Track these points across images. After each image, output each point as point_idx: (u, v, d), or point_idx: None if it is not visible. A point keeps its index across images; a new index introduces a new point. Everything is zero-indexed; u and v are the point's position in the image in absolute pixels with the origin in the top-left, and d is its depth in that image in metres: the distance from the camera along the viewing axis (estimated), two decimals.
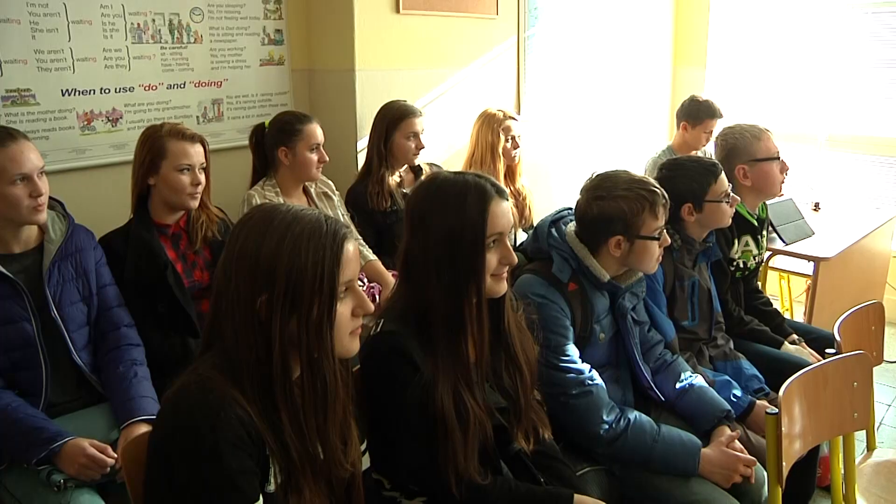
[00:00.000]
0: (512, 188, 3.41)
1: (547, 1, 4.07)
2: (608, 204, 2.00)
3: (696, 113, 3.88)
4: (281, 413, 1.32)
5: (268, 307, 1.29)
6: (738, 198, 2.49)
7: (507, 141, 3.31)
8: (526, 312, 1.87)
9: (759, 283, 3.31)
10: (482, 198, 1.62)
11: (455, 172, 1.72)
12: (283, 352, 1.31)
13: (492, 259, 1.64)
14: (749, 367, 2.49)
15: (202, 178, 2.38)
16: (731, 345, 2.60)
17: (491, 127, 3.31)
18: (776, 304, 4.51)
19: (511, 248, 1.68)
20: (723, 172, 2.43)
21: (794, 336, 2.76)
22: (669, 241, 2.09)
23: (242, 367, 1.30)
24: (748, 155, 2.69)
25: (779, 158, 2.71)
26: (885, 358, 2.50)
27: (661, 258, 2.09)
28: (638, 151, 4.42)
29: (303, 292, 1.30)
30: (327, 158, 2.81)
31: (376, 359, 1.65)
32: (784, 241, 3.32)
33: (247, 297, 1.30)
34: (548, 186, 3.95)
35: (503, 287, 1.69)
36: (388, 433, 1.66)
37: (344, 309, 1.35)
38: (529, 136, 3.89)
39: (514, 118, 3.34)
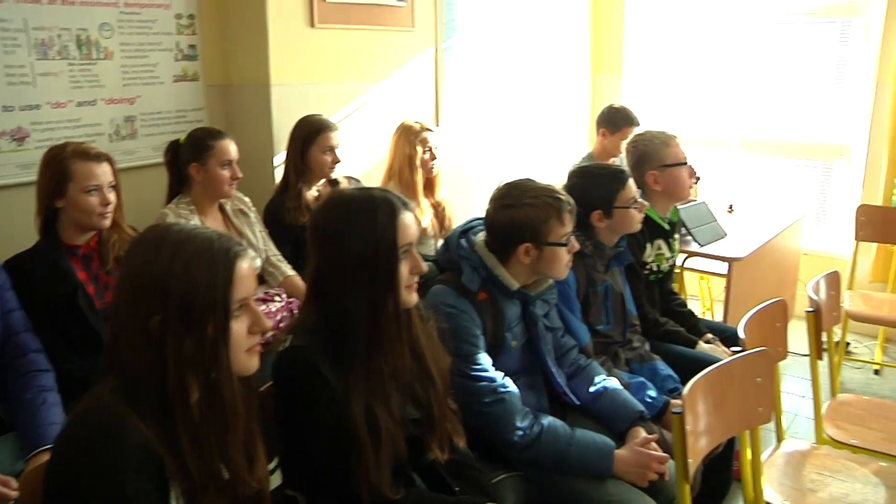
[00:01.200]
0: (431, 200, 3.43)
1: (464, 12, 4.11)
2: (515, 212, 2.04)
3: (614, 120, 3.95)
4: (180, 434, 1.30)
5: (161, 327, 1.28)
6: (647, 203, 2.56)
7: (424, 153, 3.33)
8: (436, 323, 1.89)
9: (676, 285, 3.39)
10: (391, 211, 1.65)
11: (357, 188, 1.75)
12: (180, 372, 1.29)
13: (404, 270, 1.66)
14: (664, 368, 2.55)
15: (112, 197, 2.34)
16: (648, 347, 2.66)
17: (408, 139, 3.32)
18: (697, 305, 4.67)
19: (419, 258, 1.70)
20: (630, 179, 2.50)
21: (709, 335, 2.84)
22: (578, 246, 2.13)
23: (140, 389, 1.29)
24: (658, 161, 2.76)
25: (687, 163, 2.79)
26: (795, 351, 2.60)
27: (571, 264, 2.13)
28: (560, 159, 4.49)
29: (196, 312, 1.29)
30: (240, 175, 2.78)
31: (286, 374, 1.65)
32: (699, 243, 3.40)
33: (140, 318, 1.28)
34: (469, 197, 3.98)
35: (414, 297, 1.72)
36: (300, 448, 1.65)
37: (239, 327, 1.35)
38: (450, 147, 3.92)
39: (430, 130, 3.36)
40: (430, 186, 3.44)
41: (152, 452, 1.25)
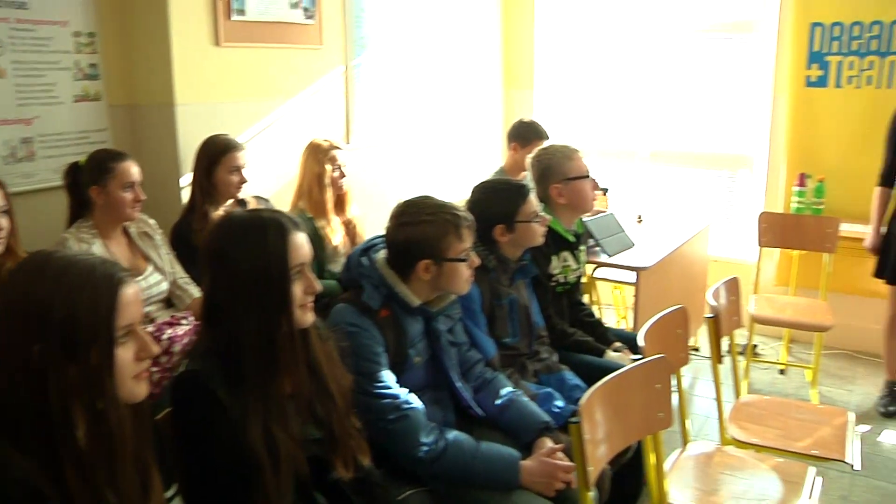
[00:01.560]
0: (342, 217, 3.43)
1: (374, 30, 4.13)
2: (414, 229, 2.06)
3: (524, 134, 4.01)
4: (64, 465, 1.27)
5: (42, 357, 1.24)
6: (549, 217, 2.61)
7: (333, 171, 3.33)
8: (337, 342, 1.89)
9: (587, 295, 3.47)
10: (281, 231, 1.65)
11: (248, 210, 1.74)
12: (63, 402, 1.26)
13: (297, 290, 1.66)
14: (572, 378, 2.59)
15: (4, 222, 2.28)
16: (556, 357, 2.70)
17: (317, 157, 3.31)
18: (612, 313, 4.77)
19: (314, 278, 1.70)
20: (532, 193, 2.54)
21: (617, 344, 2.90)
22: (479, 261, 2.17)
23: (19, 421, 1.25)
24: (561, 174, 2.82)
25: (589, 176, 2.86)
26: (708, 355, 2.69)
27: (472, 279, 2.16)
28: (474, 174, 4.53)
29: (79, 340, 1.26)
30: (143, 197, 2.73)
31: (182, 399, 1.64)
32: (607, 254, 3.47)
33: (20, 348, 1.25)
34: (383, 213, 3.98)
35: (310, 317, 1.72)
36: (199, 474, 1.63)
37: (125, 354, 1.32)
38: (362, 164, 3.93)
39: (339, 148, 3.36)
40: (340, 204, 3.44)
41: (33, 487, 1.22)
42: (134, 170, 2.71)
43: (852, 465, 2.49)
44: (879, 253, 3.76)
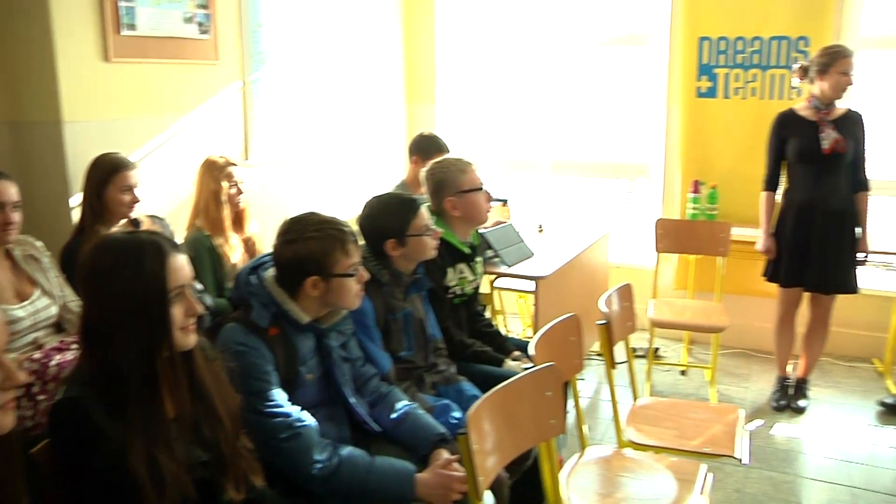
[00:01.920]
0: (241, 235, 3.38)
1: (273, 44, 4.10)
2: (300, 246, 2.06)
3: (425, 148, 4.03)
4: None
5: None
6: (441, 230, 2.64)
7: (230, 187, 3.28)
8: (225, 362, 1.87)
9: (485, 306, 3.51)
10: (159, 254, 1.63)
11: (125, 232, 1.71)
12: None
13: (177, 313, 1.64)
14: (470, 388, 2.62)
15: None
16: (454, 369, 2.73)
17: (213, 174, 3.26)
18: (518, 322, 4.84)
19: (195, 300, 1.68)
20: (423, 207, 2.57)
21: (516, 353, 2.95)
22: (367, 276, 2.18)
23: None
24: (455, 187, 2.85)
25: (482, 188, 2.90)
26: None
27: (362, 294, 2.17)
28: (377, 188, 4.53)
29: None
30: (14, 219, 2.59)
31: (59, 427, 1.59)
32: (506, 264, 3.52)
33: None
34: None
35: (192, 339, 1.70)
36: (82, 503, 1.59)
37: None
38: (262, 180, 3.90)
39: (235, 164, 3.32)
40: (238, 221, 3.39)
41: None
42: (10, 191, 2.58)
43: (741, 460, 2.59)
44: (772, 254, 3.92)
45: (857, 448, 3.69)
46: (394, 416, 2.27)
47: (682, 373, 4.55)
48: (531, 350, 2.29)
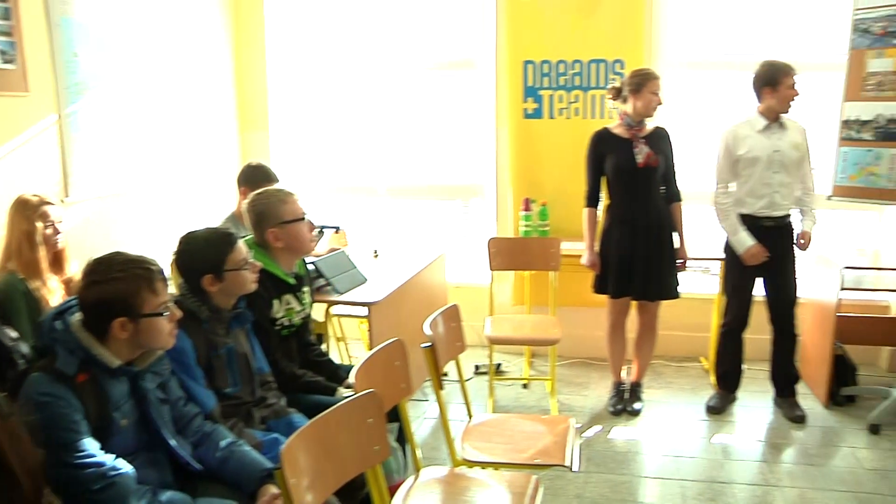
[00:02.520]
0: (61, 277, 3.22)
1: (92, 74, 3.92)
2: (105, 287, 2.00)
3: (253, 178, 3.92)
4: None
5: None
6: (260, 263, 2.62)
7: (46, 227, 3.12)
8: (25, 415, 1.77)
9: (320, 336, 3.49)
10: None
11: None
12: None
13: None
14: (300, 420, 2.60)
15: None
16: (284, 402, 2.70)
17: (25, 215, 3.09)
18: (361, 347, 4.84)
19: None
20: (240, 241, 2.54)
21: (350, 380, 2.94)
22: (180, 313, 2.13)
23: None
24: (276, 218, 2.83)
25: (305, 218, 2.89)
26: (451, 379, 2.78)
27: (175, 332, 2.12)
28: (210, 221, 4.43)
29: None
30: None
31: None
32: (338, 292, 3.52)
33: None
34: None
35: None
36: None
37: None
38: (86, 217, 3.74)
39: (51, 203, 3.16)
40: (58, 262, 3.22)
41: None
42: None
43: (570, 468, 2.68)
44: (597, 269, 4.10)
45: (687, 443, 3.92)
46: (218, 454, 2.22)
47: (524, 386, 4.68)
48: (351, 378, 2.29)
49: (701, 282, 4.88)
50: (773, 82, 3.88)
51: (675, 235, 4.08)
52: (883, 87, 3.98)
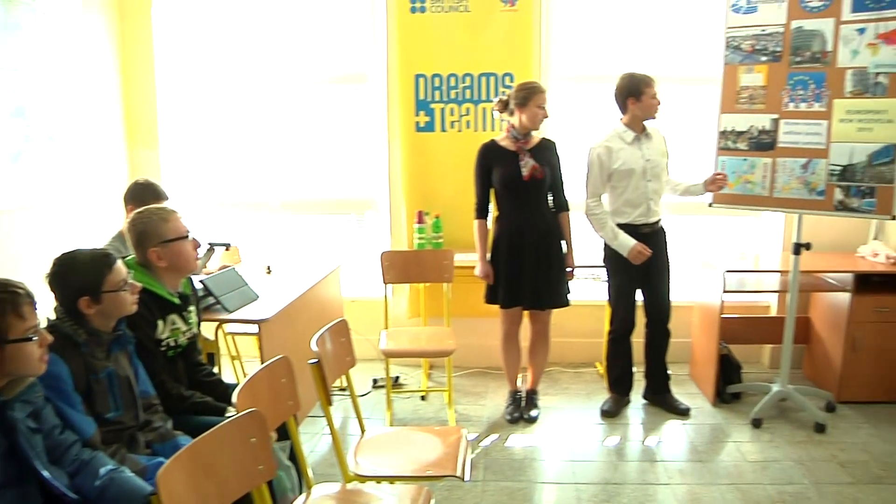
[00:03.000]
0: None
1: None
2: None
3: (140, 196, 3.80)
4: None
5: None
6: (139, 284, 2.56)
7: None
8: None
9: (211, 355, 3.43)
10: None
11: None
12: None
13: None
14: (187, 442, 2.54)
15: None
16: (171, 424, 2.64)
17: None
18: (257, 366, 4.77)
19: None
20: (119, 262, 2.47)
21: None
22: (50, 338, 2.07)
23: None
24: (158, 237, 2.77)
25: (188, 236, 2.84)
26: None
27: (46, 357, 2.05)
28: (97, 240, 4.29)
29: None
30: None
31: None
32: (227, 310, 3.46)
33: None
34: None
35: None
36: None
37: None
38: None
39: None
40: None
41: None
42: None
43: (462, 478, 2.72)
44: (490, 279, 4.17)
45: (582, 448, 4.03)
46: (97, 482, 2.15)
47: (423, 398, 4.70)
48: (234, 398, 2.27)
49: (593, 289, 5.03)
50: (637, 93, 4.06)
51: (564, 244, 4.19)
52: (754, 101, 4.20)
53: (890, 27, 3.81)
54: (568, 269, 4.21)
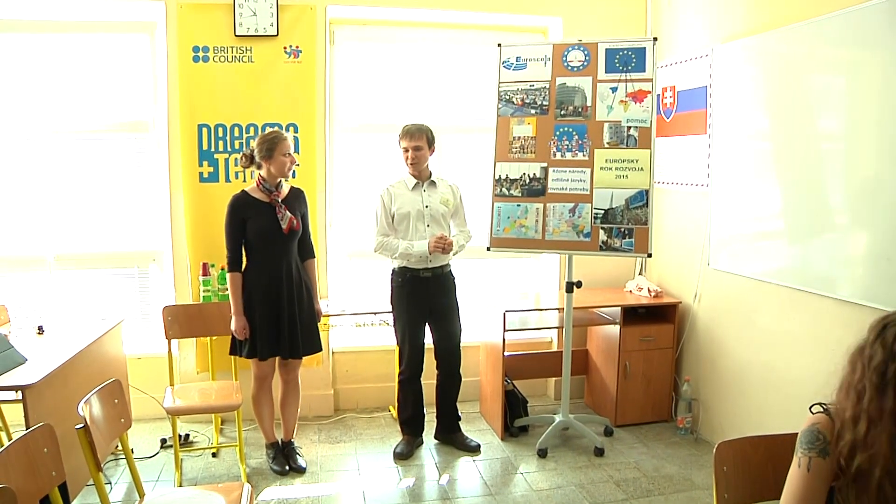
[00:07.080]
0: None
1: None
2: None
3: None
4: None
5: None
6: None
7: None
8: None
9: None
10: None
11: None
12: None
13: None
14: None
15: None
16: None
17: None
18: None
19: None
20: None
21: None
22: None
23: None
24: None
25: None
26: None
27: None
28: None
29: None
30: None
31: None
32: None
33: None
34: None
35: None
36: None
37: None
38: None
39: None
40: None
41: None
42: None
43: None
44: (247, 333, 4.11)
45: (379, 491, 4.08)
46: None
47: (214, 455, 4.56)
48: None
49: (383, 334, 5.10)
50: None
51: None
52: (525, 150, 4.49)
53: (636, 87, 4.25)
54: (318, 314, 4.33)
